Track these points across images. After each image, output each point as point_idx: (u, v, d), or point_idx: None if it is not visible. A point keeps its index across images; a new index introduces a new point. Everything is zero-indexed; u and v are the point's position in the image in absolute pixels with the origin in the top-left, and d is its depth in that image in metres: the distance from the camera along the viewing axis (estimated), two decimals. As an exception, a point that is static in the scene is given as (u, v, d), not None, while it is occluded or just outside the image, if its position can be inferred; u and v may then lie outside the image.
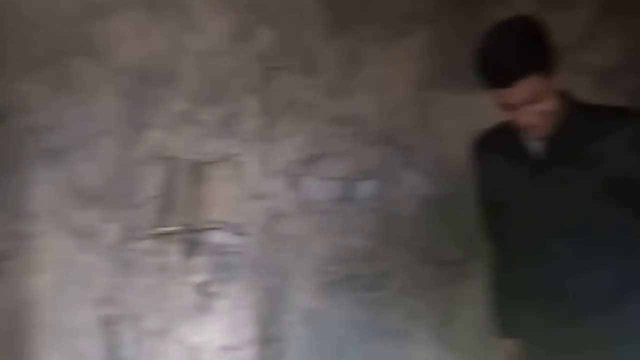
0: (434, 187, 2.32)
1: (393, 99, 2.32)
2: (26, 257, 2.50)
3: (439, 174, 2.31)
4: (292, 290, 2.48)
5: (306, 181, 2.45)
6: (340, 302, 2.45)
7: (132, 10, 2.49)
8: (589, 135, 1.36)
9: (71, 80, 2.49)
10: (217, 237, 2.58)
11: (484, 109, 2.31)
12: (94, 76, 2.49)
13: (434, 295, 2.40)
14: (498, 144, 1.51)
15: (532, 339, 1.53)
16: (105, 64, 2.49)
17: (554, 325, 1.45)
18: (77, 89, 2.50)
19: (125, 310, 2.62)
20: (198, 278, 2.58)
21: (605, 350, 1.40)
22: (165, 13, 2.47)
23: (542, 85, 1.27)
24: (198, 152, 2.52)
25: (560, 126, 1.36)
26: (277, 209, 2.46)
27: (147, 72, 2.52)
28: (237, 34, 2.43)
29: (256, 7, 2.40)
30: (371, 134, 2.36)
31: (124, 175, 2.59)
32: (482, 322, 2.33)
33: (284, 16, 2.38)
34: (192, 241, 2.59)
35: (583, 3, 2.07)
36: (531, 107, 1.28)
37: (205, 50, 2.47)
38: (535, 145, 1.42)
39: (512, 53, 1.23)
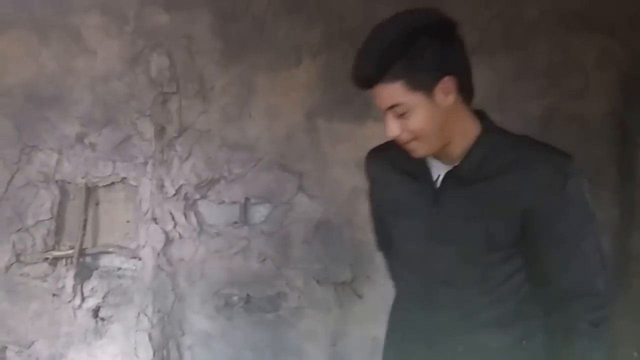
0: (323, 211, 2.40)
1: (284, 126, 2.38)
2: None
3: (328, 199, 2.39)
4: (188, 314, 2.50)
5: (201, 205, 2.47)
6: (236, 324, 2.49)
7: (20, 30, 2.44)
8: (491, 169, 1.15)
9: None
10: (111, 261, 2.56)
11: (370, 137, 2.45)
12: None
13: (327, 315, 2.47)
14: (398, 158, 1.26)
15: None
16: (-9, 84, 2.42)
17: None
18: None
19: (14, 337, 2.55)
20: (92, 302, 2.55)
21: None
22: (55, 35, 2.43)
23: (405, 98, 1.09)
24: (91, 175, 2.49)
25: (466, 154, 1.17)
26: (171, 232, 2.47)
27: (37, 93, 2.47)
28: (131, 59, 2.42)
29: (149, 33, 2.40)
30: (264, 159, 2.41)
31: (13, 198, 2.52)
32: (372, 340, 2.46)
33: (178, 43, 2.39)
34: (85, 265, 2.55)
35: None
36: (397, 119, 1.13)
37: (98, 73, 2.44)
38: (437, 168, 1.22)
39: (373, 54, 1.09)
